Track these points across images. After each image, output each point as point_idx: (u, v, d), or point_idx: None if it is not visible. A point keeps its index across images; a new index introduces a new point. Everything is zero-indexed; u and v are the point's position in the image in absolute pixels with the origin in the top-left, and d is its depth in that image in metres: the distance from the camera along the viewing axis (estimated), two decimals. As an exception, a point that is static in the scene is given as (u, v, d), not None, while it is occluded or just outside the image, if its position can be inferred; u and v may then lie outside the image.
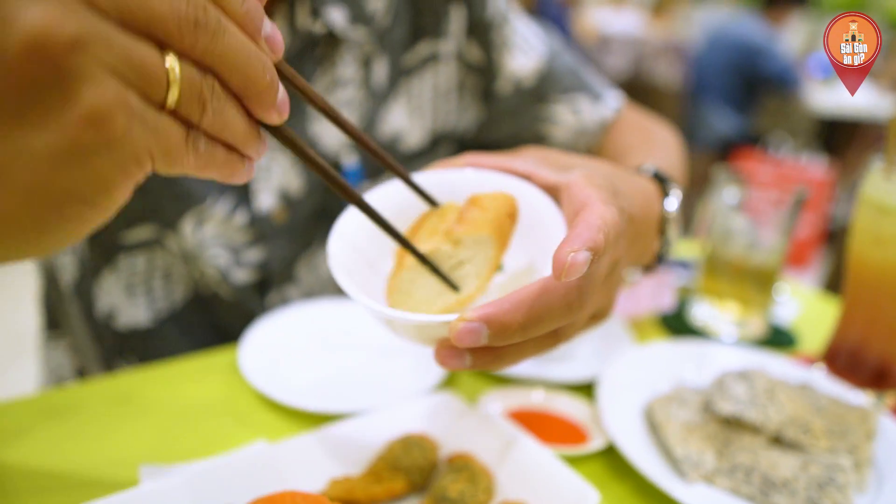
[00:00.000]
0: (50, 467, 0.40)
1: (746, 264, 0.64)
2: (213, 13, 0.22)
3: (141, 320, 0.60)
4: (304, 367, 0.52)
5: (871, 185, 0.53)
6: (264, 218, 0.59)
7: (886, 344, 0.55)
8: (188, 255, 0.58)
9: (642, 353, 0.55)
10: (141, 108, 0.21)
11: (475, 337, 0.30)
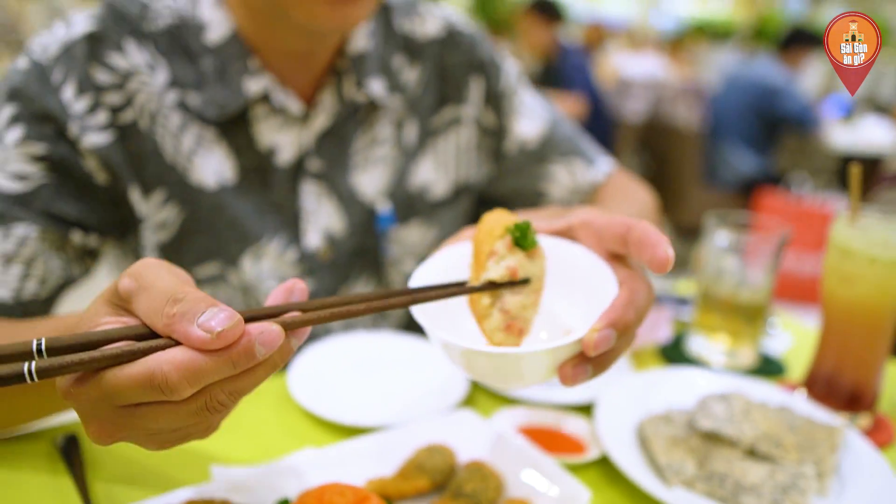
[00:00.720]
0: (137, 463, 0.49)
1: (736, 300, 0.71)
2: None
3: None
4: (344, 388, 0.60)
5: (837, 230, 0.60)
6: (312, 255, 0.69)
7: (857, 371, 0.61)
8: (247, 287, 0.67)
9: (639, 378, 0.63)
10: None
11: (608, 341, 0.37)
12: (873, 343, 0.60)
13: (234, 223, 0.65)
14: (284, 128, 0.65)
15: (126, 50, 0.60)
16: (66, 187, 0.58)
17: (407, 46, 0.73)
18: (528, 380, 0.42)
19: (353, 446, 0.49)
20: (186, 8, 0.62)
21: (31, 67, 0.58)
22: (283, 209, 0.67)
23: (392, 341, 0.69)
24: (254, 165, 0.65)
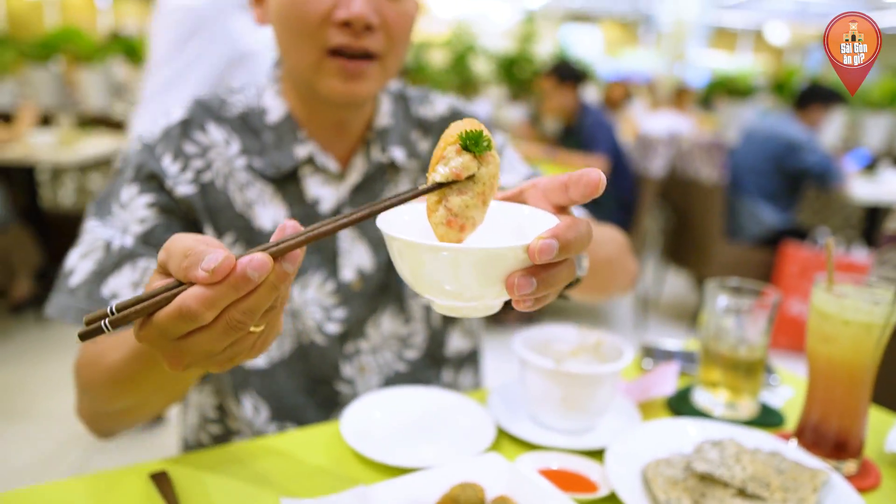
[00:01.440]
0: (221, 495, 0.59)
1: (735, 357, 0.79)
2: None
3: (260, 363, 0.83)
4: (389, 435, 0.70)
5: (816, 296, 0.69)
6: (346, 286, 0.83)
7: (841, 421, 0.69)
8: (295, 311, 0.82)
9: (646, 427, 0.71)
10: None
11: (550, 251, 0.42)
12: (854, 395, 0.68)
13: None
14: (326, 184, 0.83)
15: (208, 130, 0.81)
16: (172, 225, 0.77)
17: (421, 125, 0.92)
18: (476, 287, 0.43)
19: (398, 483, 0.59)
20: (253, 99, 0.84)
21: (142, 147, 0.79)
22: (324, 249, 0.83)
23: (429, 395, 0.78)
24: (302, 213, 0.82)
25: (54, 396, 2.51)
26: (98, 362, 0.66)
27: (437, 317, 0.91)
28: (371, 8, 0.73)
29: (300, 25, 0.73)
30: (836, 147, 4.16)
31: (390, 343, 0.87)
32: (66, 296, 0.74)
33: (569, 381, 0.69)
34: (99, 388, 0.67)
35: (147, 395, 0.66)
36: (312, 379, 0.84)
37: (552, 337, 0.78)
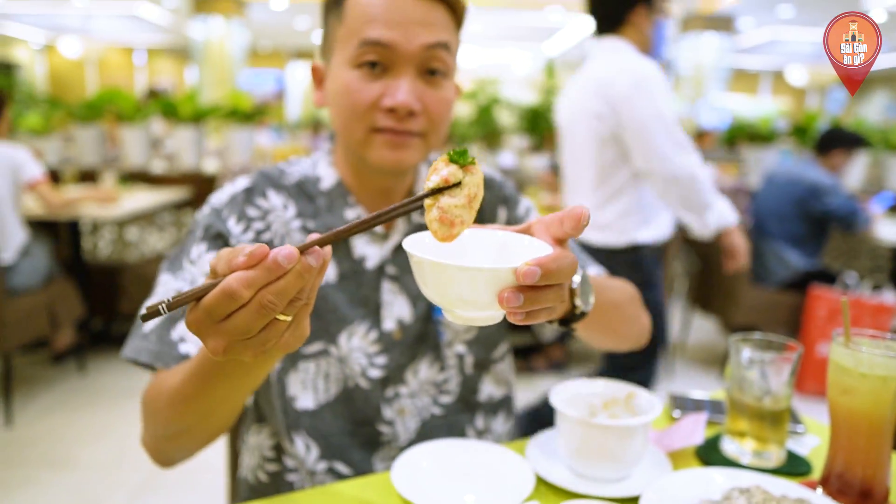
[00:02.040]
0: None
1: (760, 408, 0.84)
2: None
3: (309, 405, 0.90)
4: (436, 483, 0.75)
5: (834, 350, 0.74)
6: (388, 335, 0.91)
7: (865, 469, 0.73)
8: (343, 358, 0.89)
9: (677, 476, 0.75)
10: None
11: (534, 276, 0.51)
12: (875, 445, 0.72)
13: (335, 310, 0.89)
14: (371, 243, 0.92)
15: (268, 196, 0.91)
16: None
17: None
18: (474, 298, 0.53)
19: (448, 529, 0.64)
20: (308, 169, 0.95)
21: (211, 210, 0.90)
22: (368, 301, 0.91)
23: (472, 446, 0.83)
24: (350, 269, 0.91)
25: (96, 445, 2.58)
26: (161, 389, 0.75)
27: (470, 365, 0.97)
28: (413, 97, 0.83)
29: (352, 109, 0.85)
30: (860, 190, 4.17)
31: (427, 388, 0.95)
32: (139, 339, 0.83)
33: (603, 433, 0.74)
34: (162, 410, 0.75)
35: (203, 414, 0.74)
36: (356, 421, 0.91)
37: (586, 391, 0.83)
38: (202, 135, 3.94)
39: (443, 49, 0.85)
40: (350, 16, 0.85)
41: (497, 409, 1.00)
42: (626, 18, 2.05)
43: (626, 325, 0.91)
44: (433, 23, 0.84)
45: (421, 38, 0.83)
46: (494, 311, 0.55)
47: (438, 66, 0.85)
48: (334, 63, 0.87)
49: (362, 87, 0.84)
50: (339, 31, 0.86)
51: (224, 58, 9.25)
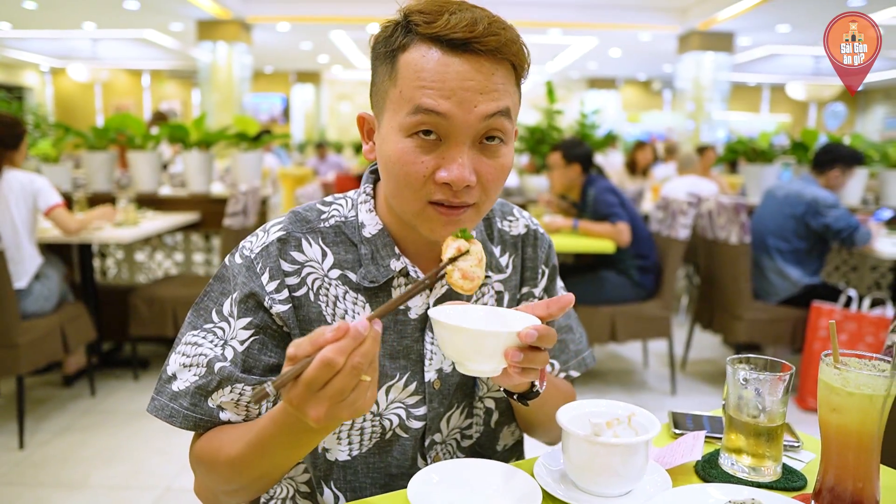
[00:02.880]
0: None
1: (756, 425, 0.88)
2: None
3: (342, 457, 0.92)
4: (449, 500, 0.79)
5: (823, 371, 0.78)
6: (429, 384, 0.92)
7: (855, 483, 0.76)
8: (380, 414, 0.90)
9: (677, 492, 0.79)
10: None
11: (532, 338, 0.69)
12: (864, 459, 0.76)
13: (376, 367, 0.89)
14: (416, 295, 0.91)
15: (303, 247, 0.89)
16: (267, 342, 0.87)
17: (502, 240, 1.01)
18: (485, 356, 0.71)
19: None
20: (350, 213, 0.93)
21: (243, 261, 0.88)
22: (411, 351, 0.92)
23: (483, 465, 0.88)
24: (394, 319, 0.91)
25: (107, 466, 2.62)
26: (219, 451, 0.81)
27: (494, 421, 1.01)
28: (470, 170, 0.78)
29: (406, 181, 0.80)
30: (859, 206, 4.21)
31: (454, 434, 0.98)
32: (169, 399, 0.86)
33: (606, 451, 0.78)
34: (222, 471, 0.80)
35: (263, 473, 0.79)
36: (389, 474, 0.93)
37: (590, 411, 0.88)
38: (210, 158, 4.01)
39: (503, 116, 0.79)
40: (403, 77, 0.78)
41: (510, 456, 1.06)
42: None
43: (550, 420, 0.90)
44: (493, 88, 0.77)
45: (480, 107, 0.76)
46: (498, 365, 0.73)
47: (497, 134, 0.80)
48: (386, 123, 0.82)
49: (416, 159, 0.78)
50: (391, 90, 0.80)
51: (229, 81, 9.39)
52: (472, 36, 0.74)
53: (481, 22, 0.75)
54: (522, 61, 0.80)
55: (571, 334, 1.09)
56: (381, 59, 0.82)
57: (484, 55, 0.76)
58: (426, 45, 0.77)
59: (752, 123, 13.85)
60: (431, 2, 0.78)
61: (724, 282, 3.54)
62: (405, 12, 0.79)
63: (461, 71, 0.75)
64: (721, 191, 5.40)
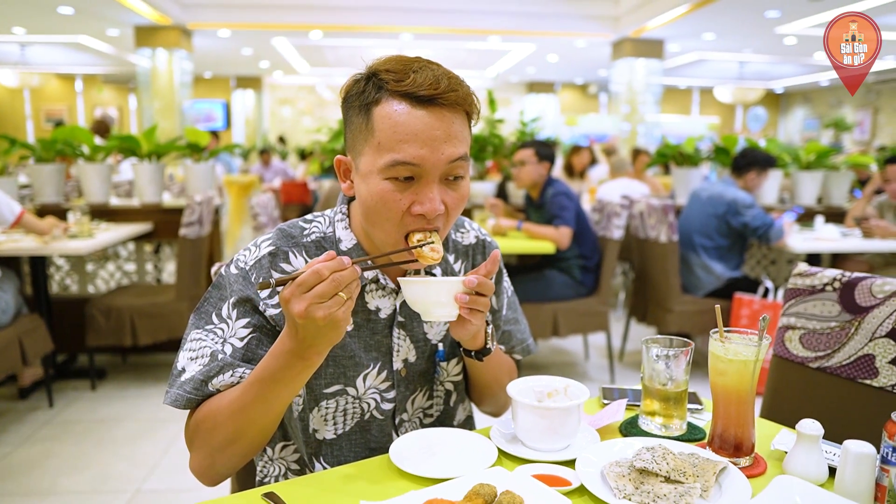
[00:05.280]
0: (316, 499, 0.86)
1: (666, 391, 1.10)
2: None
3: (329, 436, 1.09)
4: (425, 458, 0.98)
5: (711, 344, 1.00)
6: (396, 373, 1.10)
7: (737, 430, 0.99)
8: (359, 398, 1.08)
9: (603, 445, 1.00)
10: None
11: (473, 283, 0.93)
12: (742, 411, 0.99)
13: (352, 356, 1.07)
14: (385, 297, 1.09)
15: (290, 259, 1.05)
16: (263, 339, 1.02)
17: (455, 249, 1.20)
18: (441, 302, 0.94)
19: (438, 487, 0.87)
20: (329, 230, 1.10)
21: (238, 272, 1.04)
22: (381, 346, 1.09)
23: (450, 432, 1.06)
24: (365, 318, 1.08)
25: (75, 474, 2.68)
26: (219, 406, 0.96)
27: (453, 401, 1.20)
28: (439, 202, 0.95)
29: (387, 215, 0.95)
30: (776, 205, 4.58)
31: (418, 413, 1.17)
32: (177, 389, 1.00)
33: (548, 413, 0.98)
34: (222, 422, 0.95)
35: (257, 418, 0.94)
36: (369, 448, 1.11)
37: (534, 384, 1.08)
38: (161, 169, 4.06)
39: (463, 159, 0.96)
40: (380, 129, 0.93)
41: (464, 428, 1.25)
42: None
43: (500, 385, 1.15)
44: (455, 136, 0.94)
45: (446, 153, 0.93)
46: (452, 309, 0.95)
47: (459, 173, 0.97)
48: (364, 166, 0.96)
49: (395, 197, 0.94)
50: (368, 139, 0.94)
51: (170, 87, 9.29)
52: (437, 93, 0.91)
53: (442, 80, 0.92)
54: (474, 110, 0.98)
55: (517, 325, 1.29)
56: (355, 110, 0.97)
57: (446, 107, 0.93)
58: (396, 100, 0.92)
59: (683, 125, 14.50)
60: (395, 61, 0.95)
61: (655, 278, 3.83)
62: (373, 70, 0.96)
63: (429, 122, 0.91)
64: (654, 192, 5.75)
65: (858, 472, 0.87)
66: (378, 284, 1.09)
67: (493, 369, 1.15)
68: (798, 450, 0.95)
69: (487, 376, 1.17)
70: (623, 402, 1.14)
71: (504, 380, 1.10)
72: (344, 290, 0.82)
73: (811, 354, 1.41)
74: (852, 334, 1.34)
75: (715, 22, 8.95)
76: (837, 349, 1.36)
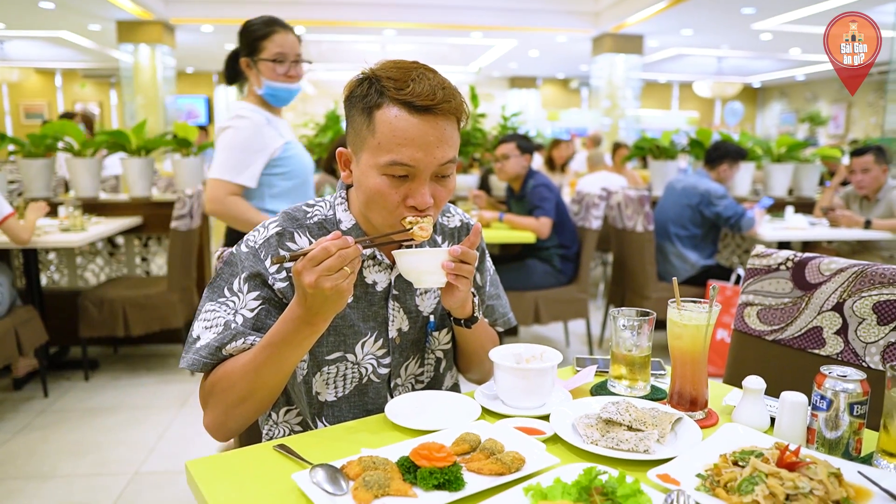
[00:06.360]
0: (318, 448, 0.98)
1: (631, 357, 1.23)
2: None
3: (330, 398, 1.21)
4: (417, 414, 1.10)
5: (669, 311, 1.13)
6: (391, 341, 1.22)
7: (692, 388, 1.12)
8: (358, 363, 1.20)
9: (575, 403, 1.13)
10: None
11: (458, 251, 1.05)
12: (697, 370, 1.12)
13: (352, 326, 1.19)
14: (381, 272, 1.21)
15: (295, 238, 1.17)
16: (272, 310, 1.13)
17: (442, 231, 1.32)
18: (430, 270, 1.05)
19: (431, 436, 0.99)
20: (329, 213, 1.21)
21: (249, 250, 1.15)
22: (378, 316, 1.21)
23: (440, 394, 1.19)
24: (363, 292, 1.19)
25: (75, 458, 2.77)
26: (234, 368, 1.07)
27: (443, 367, 1.32)
28: (429, 196, 1.07)
29: (384, 205, 1.08)
30: (749, 196, 4.75)
31: (410, 379, 1.29)
32: (193, 354, 1.10)
33: (526, 374, 1.11)
34: (236, 381, 1.06)
35: (267, 378, 1.05)
36: (366, 409, 1.23)
37: (513, 350, 1.20)
38: (151, 164, 4.14)
39: (452, 161, 1.08)
40: (381, 131, 1.04)
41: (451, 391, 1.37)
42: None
43: (484, 352, 1.25)
44: (446, 141, 1.06)
45: (438, 156, 1.05)
46: (441, 276, 1.06)
47: (447, 172, 1.09)
48: (364, 161, 1.08)
49: (392, 192, 1.06)
50: (369, 138, 1.06)
51: (153, 83, 9.30)
52: (433, 103, 1.03)
53: (438, 91, 1.03)
54: (463, 115, 1.10)
55: (499, 300, 1.42)
56: (358, 110, 1.08)
57: (440, 116, 1.05)
58: (396, 106, 1.04)
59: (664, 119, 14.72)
60: (395, 67, 1.06)
61: (632, 266, 3.98)
62: (376, 74, 1.08)
63: (424, 129, 1.04)
64: (632, 184, 5.91)
65: (793, 418, 1.01)
66: (375, 260, 1.20)
67: (479, 337, 1.28)
68: (744, 402, 1.09)
69: (474, 344, 1.29)
70: (593, 368, 1.27)
71: (488, 347, 1.23)
72: (349, 264, 0.94)
73: (767, 328, 1.54)
74: (803, 309, 1.48)
75: (693, 18, 9.13)
76: (790, 323, 1.50)
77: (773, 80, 16.22)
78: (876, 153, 4.05)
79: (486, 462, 0.91)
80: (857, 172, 4.11)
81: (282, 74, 2.28)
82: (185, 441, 2.94)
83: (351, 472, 0.87)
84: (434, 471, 0.85)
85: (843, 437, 0.96)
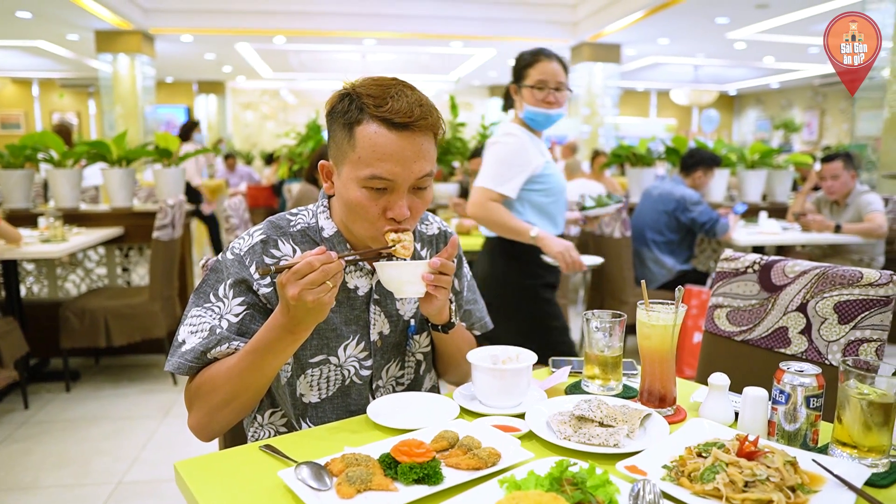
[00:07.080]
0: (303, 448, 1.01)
1: (604, 357, 1.28)
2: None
3: (314, 400, 1.24)
4: (398, 413, 1.14)
5: (639, 313, 1.19)
6: (373, 343, 1.26)
7: (661, 385, 1.18)
8: (341, 365, 1.24)
9: (550, 401, 1.18)
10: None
11: (437, 264, 1.10)
12: (665, 369, 1.17)
13: (334, 329, 1.23)
14: (362, 278, 1.24)
15: (279, 246, 1.20)
16: (256, 315, 1.16)
17: (421, 239, 1.36)
18: (411, 281, 1.10)
19: (409, 434, 1.03)
20: (312, 221, 1.25)
21: (234, 257, 1.18)
22: (360, 320, 1.25)
23: (420, 395, 1.23)
24: (345, 296, 1.23)
25: (57, 470, 2.76)
26: (218, 372, 1.10)
27: (422, 370, 1.35)
28: (406, 208, 1.12)
29: (364, 217, 1.13)
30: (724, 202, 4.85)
31: (391, 381, 1.32)
32: (178, 358, 1.14)
33: (502, 374, 1.15)
34: (221, 385, 1.09)
35: (250, 382, 1.08)
36: (349, 410, 1.26)
37: (490, 352, 1.25)
38: (132, 174, 4.14)
39: (429, 175, 1.13)
40: (362, 146, 1.08)
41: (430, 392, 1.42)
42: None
43: (462, 356, 1.29)
44: (423, 156, 1.11)
45: (416, 170, 1.10)
46: (421, 287, 1.11)
47: (425, 185, 1.14)
48: (345, 174, 1.13)
49: (371, 204, 1.11)
50: (350, 153, 1.10)
51: (132, 93, 9.26)
52: (411, 120, 1.07)
53: (415, 108, 1.08)
54: (440, 130, 1.15)
55: (476, 305, 1.47)
56: (339, 125, 1.12)
57: (418, 132, 1.09)
58: (376, 123, 1.08)
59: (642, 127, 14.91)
60: (375, 84, 1.10)
61: (610, 272, 4.05)
62: (356, 90, 1.12)
63: (402, 144, 1.08)
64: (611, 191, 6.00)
65: (755, 411, 1.06)
66: (357, 266, 1.25)
67: (456, 341, 1.32)
68: (709, 398, 1.14)
69: (452, 347, 1.34)
70: (568, 368, 1.32)
71: (465, 351, 1.27)
72: (331, 279, 0.98)
73: (736, 329, 1.61)
74: (770, 310, 1.54)
75: (669, 27, 9.30)
76: (757, 323, 1.57)
77: (748, 87, 16.53)
78: (845, 159, 4.17)
79: (463, 457, 0.95)
80: (828, 178, 4.23)
81: (541, 100, 2.39)
82: (168, 450, 2.94)
83: (334, 468, 0.91)
84: (414, 466, 0.90)
85: (801, 428, 1.02)
